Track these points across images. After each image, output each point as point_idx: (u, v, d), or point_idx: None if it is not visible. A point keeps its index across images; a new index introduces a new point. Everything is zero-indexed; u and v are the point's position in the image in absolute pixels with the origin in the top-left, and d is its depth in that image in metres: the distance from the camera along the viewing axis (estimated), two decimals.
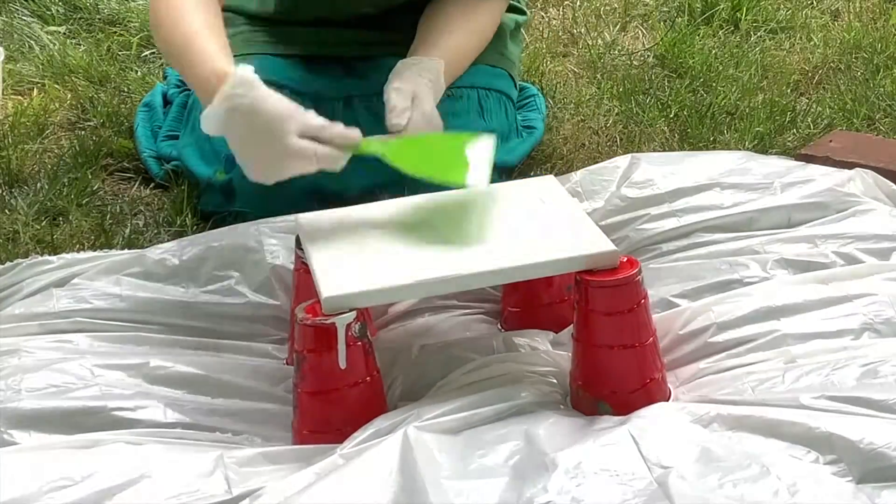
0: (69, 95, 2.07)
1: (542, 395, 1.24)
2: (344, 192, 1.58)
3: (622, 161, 1.64)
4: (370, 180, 1.59)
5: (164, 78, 2.09)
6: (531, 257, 1.23)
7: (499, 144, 1.72)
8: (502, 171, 1.78)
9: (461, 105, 1.73)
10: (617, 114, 2.00)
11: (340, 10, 1.74)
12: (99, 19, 2.36)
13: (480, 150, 1.38)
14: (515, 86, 1.86)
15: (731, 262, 1.45)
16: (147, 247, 1.54)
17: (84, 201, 1.74)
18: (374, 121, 1.63)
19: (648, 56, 2.24)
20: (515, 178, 1.77)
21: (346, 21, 1.76)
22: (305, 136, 1.29)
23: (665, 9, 2.45)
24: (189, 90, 1.84)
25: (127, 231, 1.67)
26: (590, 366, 1.25)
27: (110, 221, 1.69)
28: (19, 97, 2.09)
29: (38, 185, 1.78)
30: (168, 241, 1.56)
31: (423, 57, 1.53)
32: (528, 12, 1.95)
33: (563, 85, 2.12)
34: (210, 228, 1.61)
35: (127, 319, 1.40)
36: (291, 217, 1.40)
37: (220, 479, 1.12)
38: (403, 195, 1.41)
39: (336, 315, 1.17)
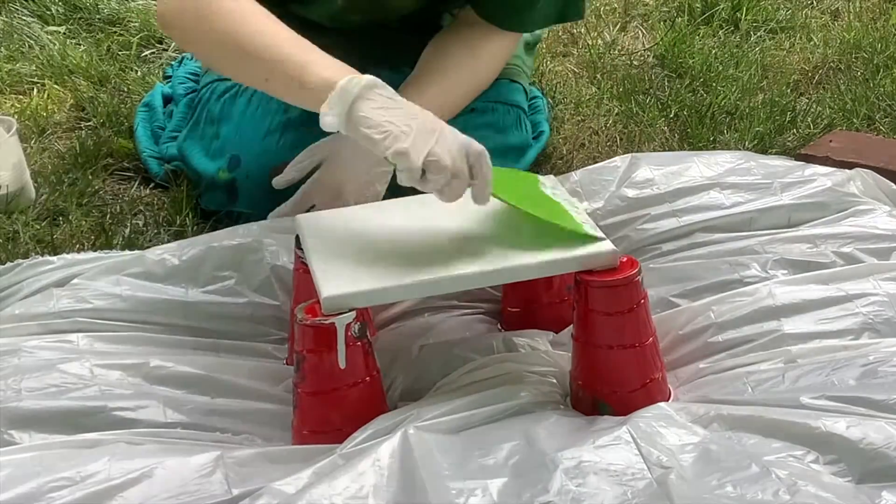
0: (69, 95, 2.07)
1: (542, 395, 1.24)
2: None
3: (622, 161, 1.64)
4: None
5: (165, 78, 2.09)
6: (531, 257, 1.23)
7: (520, 159, 1.72)
8: None
9: (489, 118, 1.71)
10: (617, 114, 2.00)
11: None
12: (99, 19, 2.37)
13: (557, 189, 1.36)
14: (527, 97, 1.85)
15: (731, 262, 1.45)
16: (147, 247, 1.54)
17: (84, 201, 1.74)
18: None
19: (648, 56, 2.24)
20: None
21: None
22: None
23: (665, 9, 2.45)
24: (196, 89, 1.83)
25: (127, 231, 1.67)
26: (590, 366, 1.25)
27: (110, 221, 1.69)
28: (19, 97, 2.09)
29: (38, 184, 1.78)
30: (168, 241, 1.56)
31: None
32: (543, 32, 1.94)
33: (563, 85, 2.12)
34: (210, 228, 1.61)
35: (127, 319, 1.40)
36: (291, 217, 1.40)
37: (220, 479, 1.12)
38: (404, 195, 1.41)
39: (336, 315, 1.17)
